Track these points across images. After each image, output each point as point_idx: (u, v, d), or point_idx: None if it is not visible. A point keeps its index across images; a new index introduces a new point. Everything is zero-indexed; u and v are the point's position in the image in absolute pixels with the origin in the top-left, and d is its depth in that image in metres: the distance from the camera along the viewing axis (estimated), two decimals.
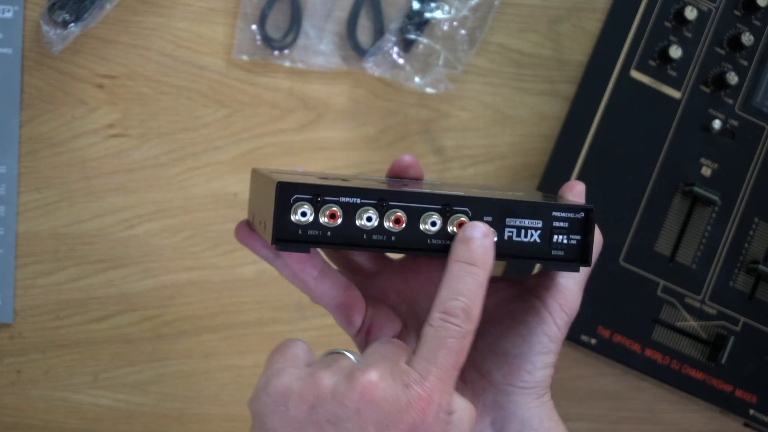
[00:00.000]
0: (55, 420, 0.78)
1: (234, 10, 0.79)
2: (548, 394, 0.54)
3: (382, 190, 0.49)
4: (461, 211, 0.49)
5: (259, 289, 0.80)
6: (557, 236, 0.50)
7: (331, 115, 0.81)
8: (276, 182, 0.48)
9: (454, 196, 0.49)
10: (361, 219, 0.49)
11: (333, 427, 0.46)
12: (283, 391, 0.47)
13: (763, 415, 0.79)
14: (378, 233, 0.49)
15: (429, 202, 0.49)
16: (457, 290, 0.48)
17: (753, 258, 0.79)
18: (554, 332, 0.53)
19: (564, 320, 0.54)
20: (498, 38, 0.82)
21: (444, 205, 0.49)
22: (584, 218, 0.50)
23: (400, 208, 0.49)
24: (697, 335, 0.78)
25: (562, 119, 0.82)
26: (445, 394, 0.47)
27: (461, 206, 0.49)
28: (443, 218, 0.49)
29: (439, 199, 0.49)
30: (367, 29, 0.81)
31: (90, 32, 0.77)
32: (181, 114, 0.79)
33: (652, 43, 0.77)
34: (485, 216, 0.49)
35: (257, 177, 0.56)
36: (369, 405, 0.46)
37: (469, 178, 0.82)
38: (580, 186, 0.54)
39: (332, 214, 0.48)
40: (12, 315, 0.77)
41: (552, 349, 0.53)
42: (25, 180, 0.77)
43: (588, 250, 0.50)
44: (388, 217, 0.49)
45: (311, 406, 0.46)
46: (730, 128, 0.78)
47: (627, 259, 0.77)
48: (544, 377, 0.54)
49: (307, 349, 0.51)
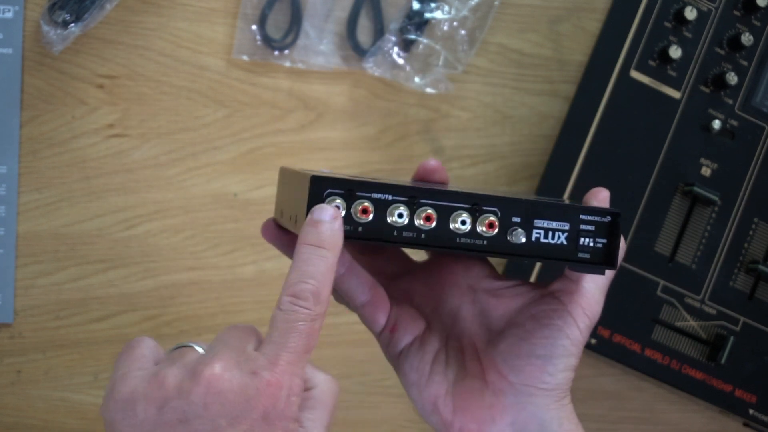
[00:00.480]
0: (55, 420, 0.78)
1: (234, 10, 0.79)
2: (568, 397, 0.54)
3: (413, 188, 0.50)
4: (490, 211, 0.50)
5: (259, 289, 0.80)
6: (584, 239, 0.51)
7: (331, 115, 0.81)
8: (310, 176, 0.49)
9: (483, 195, 0.50)
10: (393, 215, 0.49)
11: (184, 425, 0.45)
12: (129, 395, 0.47)
13: (762, 415, 0.79)
14: (408, 230, 0.50)
15: (459, 201, 0.49)
16: (305, 273, 0.47)
17: (753, 258, 0.79)
18: (576, 336, 0.53)
19: (586, 324, 0.54)
20: (498, 38, 0.82)
21: (473, 205, 0.49)
22: (611, 222, 0.51)
23: (431, 206, 0.49)
24: (697, 335, 0.78)
25: (562, 119, 0.82)
26: (295, 377, 0.46)
27: (490, 206, 0.50)
28: (472, 217, 0.50)
29: (468, 199, 0.49)
30: (367, 29, 0.81)
31: (90, 32, 0.77)
32: (181, 114, 0.79)
33: (652, 43, 0.77)
34: (514, 217, 0.50)
35: (287, 174, 0.57)
36: (216, 398, 0.45)
37: (469, 178, 0.82)
38: (605, 193, 0.54)
39: (364, 210, 0.49)
40: (12, 315, 0.77)
41: (573, 353, 0.53)
42: (25, 180, 0.77)
43: (614, 253, 0.50)
44: (419, 214, 0.49)
45: (159, 407, 0.46)
46: (729, 128, 0.78)
47: (627, 259, 0.77)
48: (565, 380, 0.54)
49: (154, 347, 0.51)
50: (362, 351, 0.81)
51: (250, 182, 0.80)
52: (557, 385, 0.54)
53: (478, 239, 0.50)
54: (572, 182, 0.77)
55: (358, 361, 0.81)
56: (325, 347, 0.81)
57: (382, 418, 0.82)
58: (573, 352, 0.53)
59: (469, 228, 0.50)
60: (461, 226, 0.49)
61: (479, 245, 0.50)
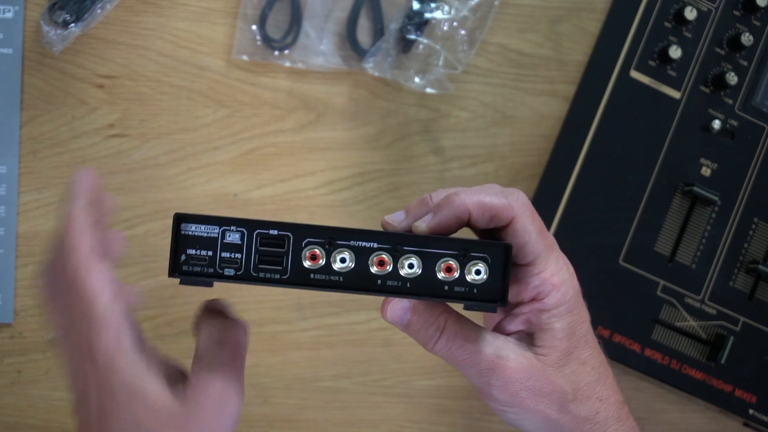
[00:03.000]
0: (55, 420, 0.78)
1: (234, 10, 0.79)
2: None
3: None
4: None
5: (259, 289, 0.80)
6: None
7: (331, 115, 0.81)
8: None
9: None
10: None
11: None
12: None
13: (762, 415, 0.79)
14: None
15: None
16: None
17: (753, 258, 0.79)
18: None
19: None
20: (498, 38, 0.82)
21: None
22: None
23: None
24: (696, 335, 0.78)
25: (562, 119, 0.82)
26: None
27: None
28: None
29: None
30: (367, 29, 0.81)
31: (90, 32, 0.77)
32: (181, 114, 0.79)
33: (651, 43, 0.77)
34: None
35: None
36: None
37: (469, 178, 0.82)
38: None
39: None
40: (12, 315, 0.77)
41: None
42: (25, 180, 0.77)
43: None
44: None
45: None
46: (729, 128, 0.78)
47: (627, 259, 0.77)
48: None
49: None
50: (362, 351, 0.81)
51: (250, 182, 0.80)
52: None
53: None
54: (572, 182, 0.77)
55: (358, 361, 0.81)
56: (324, 347, 0.81)
57: (382, 418, 0.82)
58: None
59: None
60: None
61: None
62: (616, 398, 0.56)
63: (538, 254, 0.53)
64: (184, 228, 0.50)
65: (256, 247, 0.50)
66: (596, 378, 0.55)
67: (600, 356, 0.56)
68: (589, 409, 0.54)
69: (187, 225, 0.50)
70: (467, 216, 0.52)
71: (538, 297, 0.54)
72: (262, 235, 0.50)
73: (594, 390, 0.55)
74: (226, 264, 0.50)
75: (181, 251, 0.50)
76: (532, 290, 0.54)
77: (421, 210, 0.53)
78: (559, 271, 0.54)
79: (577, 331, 0.54)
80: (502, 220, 0.52)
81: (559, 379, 0.53)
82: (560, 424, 0.54)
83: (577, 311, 0.54)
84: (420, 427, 0.82)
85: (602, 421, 0.55)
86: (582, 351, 0.54)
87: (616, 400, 0.56)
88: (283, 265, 0.50)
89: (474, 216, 0.52)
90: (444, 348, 0.53)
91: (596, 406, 0.55)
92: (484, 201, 0.52)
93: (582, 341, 0.54)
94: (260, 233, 0.50)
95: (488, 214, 0.52)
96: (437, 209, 0.52)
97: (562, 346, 0.54)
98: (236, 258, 0.50)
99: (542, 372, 0.53)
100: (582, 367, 0.54)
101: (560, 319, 0.54)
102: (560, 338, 0.54)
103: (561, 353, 0.54)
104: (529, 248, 0.53)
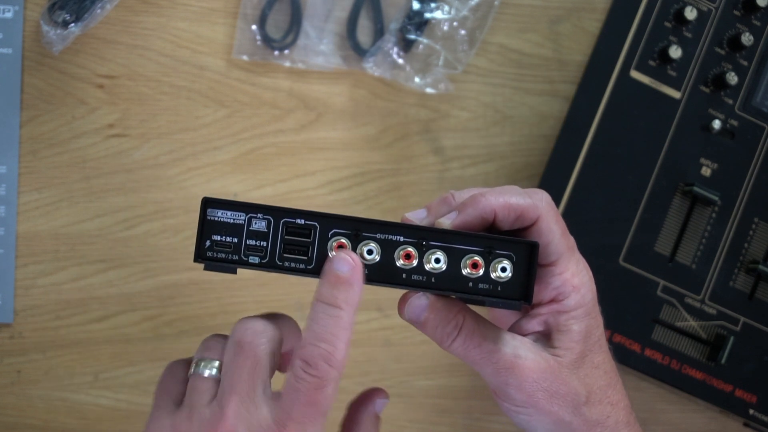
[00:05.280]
0: (55, 420, 0.78)
1: (234, 10, 0.79)
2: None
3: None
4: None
5: (259, 289, 0.80)
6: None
7: (331, 115, 0.81)
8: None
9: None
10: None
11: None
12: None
13: (762, 415, 0.79)
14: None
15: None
16: (317, 335, 0.48)
17: (753, 258, 0.79)
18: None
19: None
20: (498, 38, 0.82)
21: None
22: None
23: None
24: (697, 335, 0.78)
25: (562, 119, 0.82)
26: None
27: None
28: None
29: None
30: (367, 29, 0.81)
31: (90, 32, 0.77)
32: (181, 114, 0.79)
33: (652, 43, 0.77)
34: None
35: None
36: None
37: (469, 178, 0.82)
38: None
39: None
40: (12, 315, 0.77)
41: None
42: (25, 180, 0.77)
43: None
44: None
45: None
46: (730, 128, 0.78)
47: (627, 259, 0.77)
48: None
49: (179, 371, 0.52)
50: (362, 351, 0.81)
51: (250, 182, 0.80)
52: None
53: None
54: (572, 182, 0.77)
55: (358, 361, 0.81)
56: None
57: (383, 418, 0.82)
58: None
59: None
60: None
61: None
62: (626, 403, 0.56)
63: (560, 254, 0.53)
64: (210, 213, 0.49)
65: (282, 235, 0.49)
66: (608, 382, 0.55)
67: (611, 361, 0.55)
68: (600, 413, 0.54)
69: (213, 210, 0.49)
70: (493, 216, 0.52)
71: (557, 298, 0.53)
72: (289, 224, 0.49)
73: (606, 394, 0.55)
74: (251, 251, 0.50)
75: (206, 237, 0.50)
76: (552, 291, 0.53)
77: (442, 208, 0.53)
78: (580, 273, 0.54)
79: (593, 335, 0.54)
80: (528, 220, 0.52)
81: (574, 381, 0.53)
82: (572, 427, 0.54)
83: (594, 315, 0.54)
84: (420, 427, 0.82)
85: (612, 426, 0.55)
86: (596, 355, 0.54)
87: (626, 405, 0.56)
88: (309, 255, 0.50)
89: (500, 217, 0.52)
90: (461, 346, 0.53)
91: (607, 410, 0.55)
92: (510, 202, 0.52)
93: (596, 345, 0.54)
94: (287, 222, 0.49)
95: (514, 215, 0.52)
96: (462, 208, 0.52)
97: (577, 349, 0.53)
98: (261, 246, 0.50)
99: (558, 373, 0.53)
100: (595, 370, 0.54)
101: (578, 322, 0.53)
102: (577, 341, 0.53)
103: (576, 355, 0.53)
104: (553, 248, 0.53)
